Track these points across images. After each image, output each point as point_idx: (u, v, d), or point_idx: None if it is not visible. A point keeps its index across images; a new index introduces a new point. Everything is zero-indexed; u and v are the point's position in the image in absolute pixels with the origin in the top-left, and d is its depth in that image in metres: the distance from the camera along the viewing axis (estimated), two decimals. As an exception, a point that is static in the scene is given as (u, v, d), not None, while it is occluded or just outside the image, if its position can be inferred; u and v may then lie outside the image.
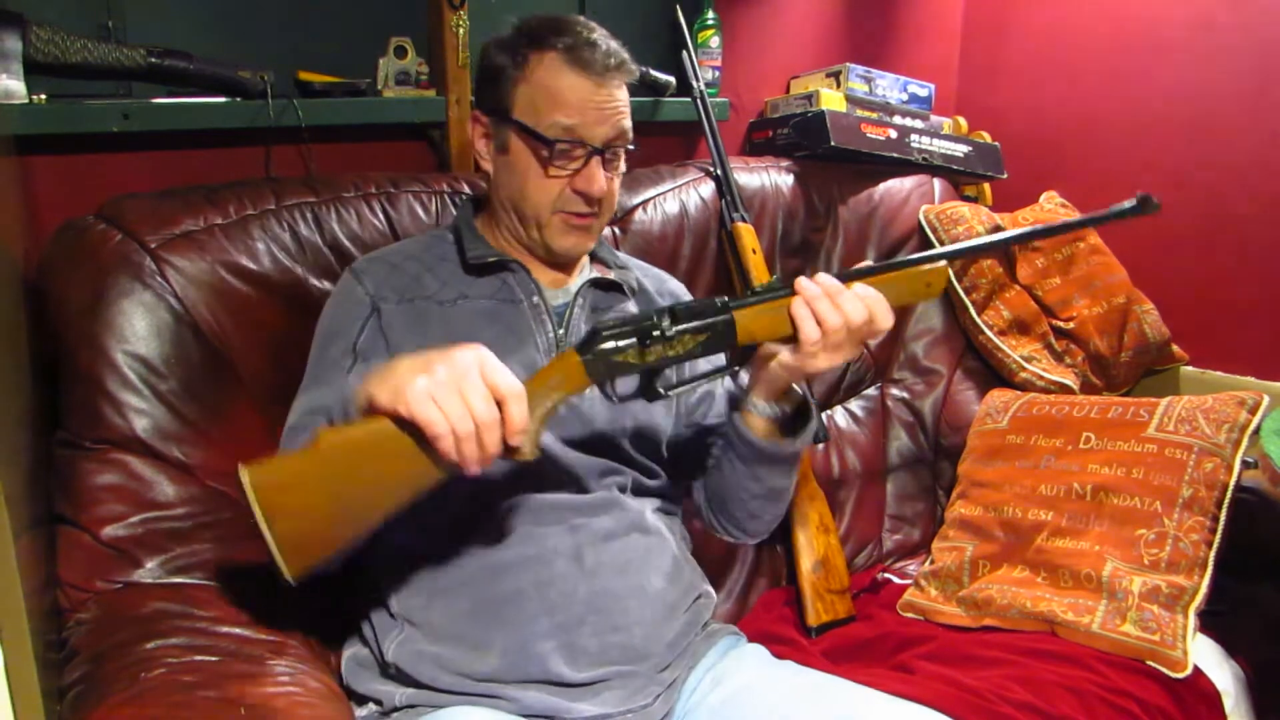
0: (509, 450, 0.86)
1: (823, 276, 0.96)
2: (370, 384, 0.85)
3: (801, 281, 0.96)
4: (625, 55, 1.10)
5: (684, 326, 0.94)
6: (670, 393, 0.99)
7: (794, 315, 0.95)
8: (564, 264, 1.17)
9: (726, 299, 0.96)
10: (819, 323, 0.95)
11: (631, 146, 1.12)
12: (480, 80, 1.15)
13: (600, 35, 1.09)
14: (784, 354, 1.00)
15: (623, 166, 1.13)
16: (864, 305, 0.96)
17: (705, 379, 1.02)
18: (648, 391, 0.98)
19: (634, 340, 0.93)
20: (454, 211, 1.31)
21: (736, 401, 1.11)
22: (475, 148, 1.15)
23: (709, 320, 0.95)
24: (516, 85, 1.08)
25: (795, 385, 1.07)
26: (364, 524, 0.87)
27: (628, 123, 1.10)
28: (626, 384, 0.97)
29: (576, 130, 1.06)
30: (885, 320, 0.97)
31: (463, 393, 0.82)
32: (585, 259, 1.21)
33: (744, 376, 1.13)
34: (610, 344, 0.93)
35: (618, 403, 0.98)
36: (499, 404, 0.83)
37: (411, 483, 0.86)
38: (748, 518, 1.17)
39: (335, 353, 1.07)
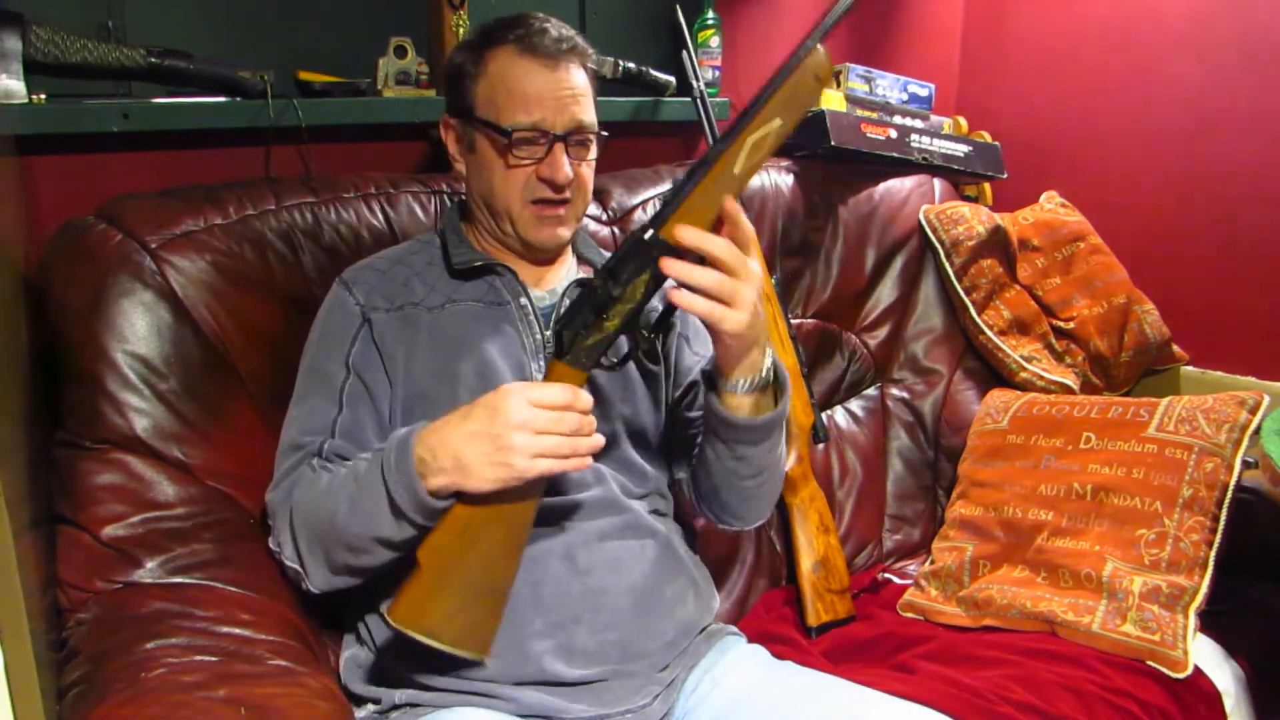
0: None
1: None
2: (442, 474, 0.91)
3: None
4: (579, 40, 1.10)
5: (625, 274, 0.93)
6: (657, 339, 1.01)
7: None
8: (546, 259, 1.16)
9: (645, 226, 0.94)
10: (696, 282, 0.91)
11: (604, 134, 1.12)
12: (446, 85, 1.15)
13: (553, 24, 1.10)
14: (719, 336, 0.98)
15: (594, 154, 1.12)
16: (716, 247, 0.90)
17: (669, 318, 1.01)
18: (647, 350, 0.99)
19: (591, 315, 0.95)
20: (453, 212, 1.31)
21: (712, 383, 1.07)
22: (449, 152, 1.15)
23: (641, 256, 0.93)
24: (476, 83, 1.09)
25: (764, 357, 1.03)
26: (506, 578, 0.95)
27: (587, 108, 1.10)
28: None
29: (535, 118, 1.06)
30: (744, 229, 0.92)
31: (541, 429, 0.89)
32: (572, 260, 1.21)
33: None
34: (575, 332, 0.95)
35: (618, 368, 1.00)
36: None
37: (521, 525, 0.95)
38: (741, 501, 1.15)
39: (329, 367, 1.08)
